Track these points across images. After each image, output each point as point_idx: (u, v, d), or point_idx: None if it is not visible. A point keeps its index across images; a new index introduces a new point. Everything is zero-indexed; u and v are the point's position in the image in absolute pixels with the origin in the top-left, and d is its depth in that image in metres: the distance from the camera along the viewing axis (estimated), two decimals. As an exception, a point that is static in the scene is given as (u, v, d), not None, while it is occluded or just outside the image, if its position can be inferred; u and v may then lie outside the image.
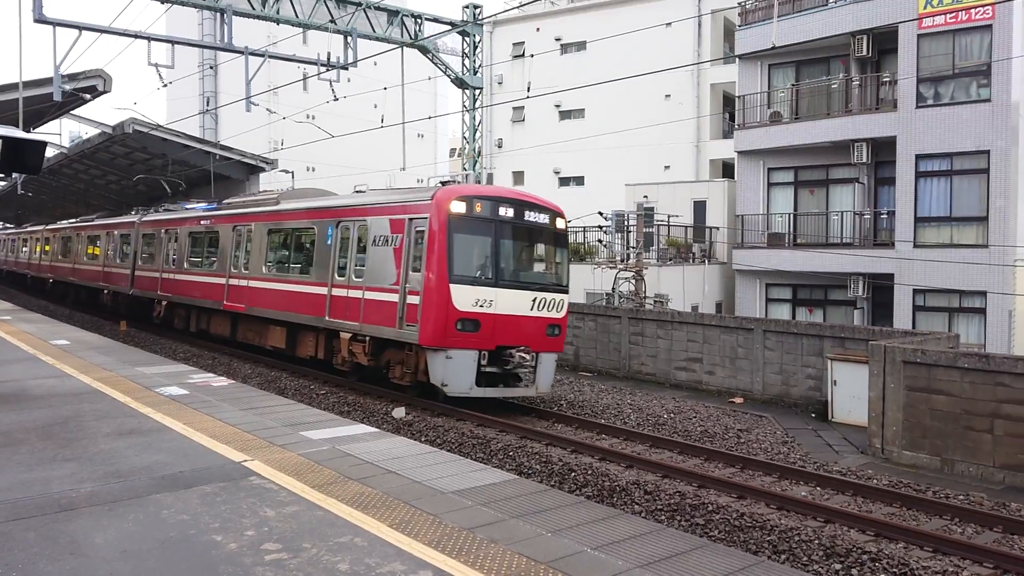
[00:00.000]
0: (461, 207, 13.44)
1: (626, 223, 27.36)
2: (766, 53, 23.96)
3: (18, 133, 9.87)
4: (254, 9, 21.03)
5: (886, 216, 22.99)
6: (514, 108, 39.37)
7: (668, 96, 35.09)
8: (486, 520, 5.95)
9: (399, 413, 13.86)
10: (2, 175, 28.77)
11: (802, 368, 17.19)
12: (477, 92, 25.83)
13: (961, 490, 10.58)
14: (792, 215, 25.21)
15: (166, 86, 21.20)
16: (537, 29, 39.77)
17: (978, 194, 20.93)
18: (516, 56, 39.17)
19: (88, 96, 22.36)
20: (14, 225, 62.51)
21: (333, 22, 22.07)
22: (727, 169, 33.43)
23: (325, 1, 21.91)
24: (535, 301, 13.97)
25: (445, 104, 58.37)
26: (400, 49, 24.31)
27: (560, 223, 14.73)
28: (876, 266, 22.39)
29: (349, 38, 22.12)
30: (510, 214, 13.92)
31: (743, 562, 5.59)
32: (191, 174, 34.17)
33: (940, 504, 9.63)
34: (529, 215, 14.16)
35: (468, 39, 25.44)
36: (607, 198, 31.53)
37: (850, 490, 10.26)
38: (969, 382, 12.09)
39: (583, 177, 38.59)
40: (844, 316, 23.92)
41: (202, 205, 25.16)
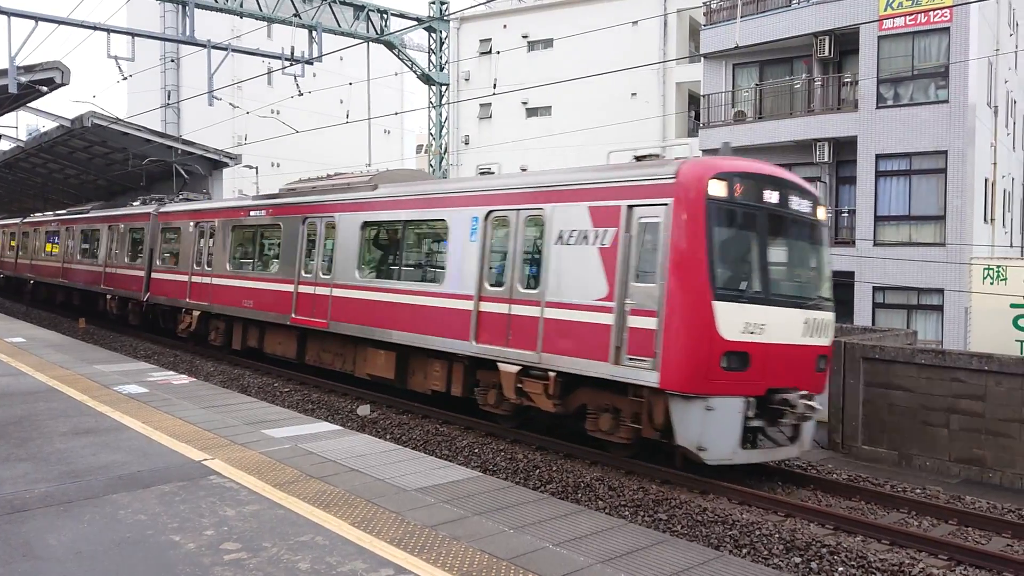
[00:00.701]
0: (721, 189, 9.68)
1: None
2: (730, 53, 24.20)
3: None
4: (217, 2, 20.77)
5: (847, 215, 23.35)
6: (481, 105, 39.33)
7: (634, 95, 35.32)
8: (449, 517, 5.95)
9: (364, 411, 13.76)
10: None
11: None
12: (444, 88, 25.79)
13: (918, 484, 10.79)
14: (756, 213, 25.42)
15: (126, 79, 20.89)
16: (504, 26, 39.77)
17: (936, 193, 21.35)
18: (483, 53, 39.18)
19: (45, 88, 21.81)
20: None
21: (298, 16, 21.88)
22: (693, 167, 33.66)
23: (290, -5, 21.74)
24: (807, 323, 10.25)
25: (412, 100, 58.31)
26: (366, 44, 24.19)
27: (822, 212, 11.27)
28: (837, 264, 22.66)
29: (314, 32, 21.97)
30: (774, 200, 10.27)
31: (704, 556, 5.66)
32: (152, 169, 33.64)
33: (898, 498, 9.84)
34: (793, 200, 10.57)
35: (435, 35, 25.39)
36: (574, 196, 31.57)
37: (811, 484, 10.43)
38: (926, 378, 12.33)
39: (550, 175, 38.69)
40: (806, 313, 24.18)
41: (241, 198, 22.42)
